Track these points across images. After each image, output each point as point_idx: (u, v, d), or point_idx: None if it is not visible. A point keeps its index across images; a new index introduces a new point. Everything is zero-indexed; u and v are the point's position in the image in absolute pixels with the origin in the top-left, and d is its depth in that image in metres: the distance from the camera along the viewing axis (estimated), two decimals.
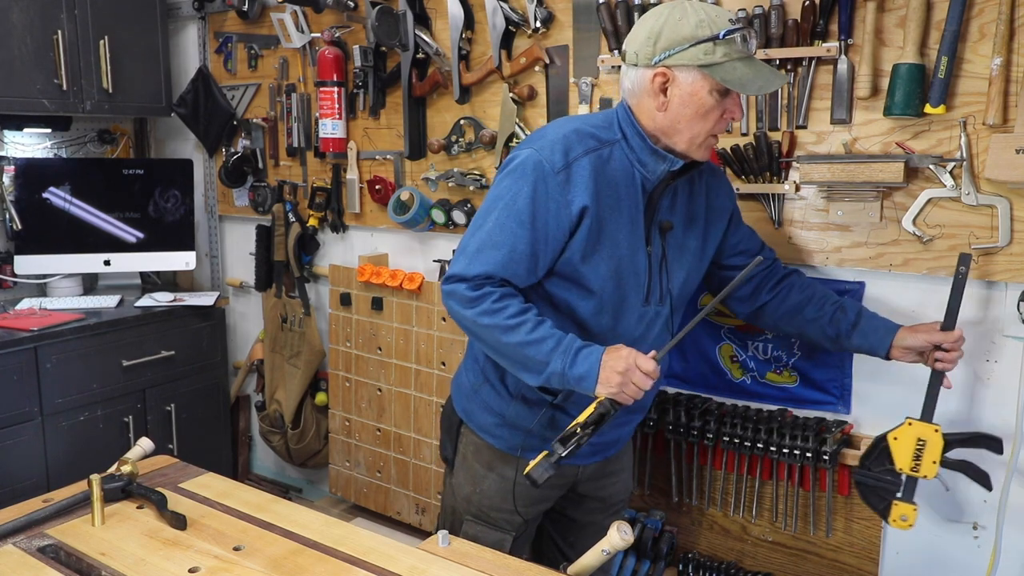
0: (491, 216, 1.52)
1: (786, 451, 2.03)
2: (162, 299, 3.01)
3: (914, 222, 1.89)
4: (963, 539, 1.97)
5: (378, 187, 2.74)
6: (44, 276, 3.05)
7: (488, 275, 1.50)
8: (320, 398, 3.08)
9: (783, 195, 2.05)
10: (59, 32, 2.75)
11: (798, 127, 2.02)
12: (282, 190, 3.06)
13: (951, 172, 1.83)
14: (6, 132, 3.02)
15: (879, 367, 2.03)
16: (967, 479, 1.94)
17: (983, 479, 1.68)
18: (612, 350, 1.45)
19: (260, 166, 3.10)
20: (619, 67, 2.20)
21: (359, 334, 2.84)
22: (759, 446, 2.07)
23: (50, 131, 3.13)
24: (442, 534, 1.38)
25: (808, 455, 2.00)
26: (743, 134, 2.08)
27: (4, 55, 2.64)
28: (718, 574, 2.21)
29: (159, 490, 1.51)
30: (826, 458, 1.98)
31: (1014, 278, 1.81)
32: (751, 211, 2.10)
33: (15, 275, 2.97)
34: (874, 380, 2.04)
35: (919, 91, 1.80)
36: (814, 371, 2.09)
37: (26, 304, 2.87)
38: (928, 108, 1.80)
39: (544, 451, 1.46)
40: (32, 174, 2.98)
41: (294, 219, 3.00)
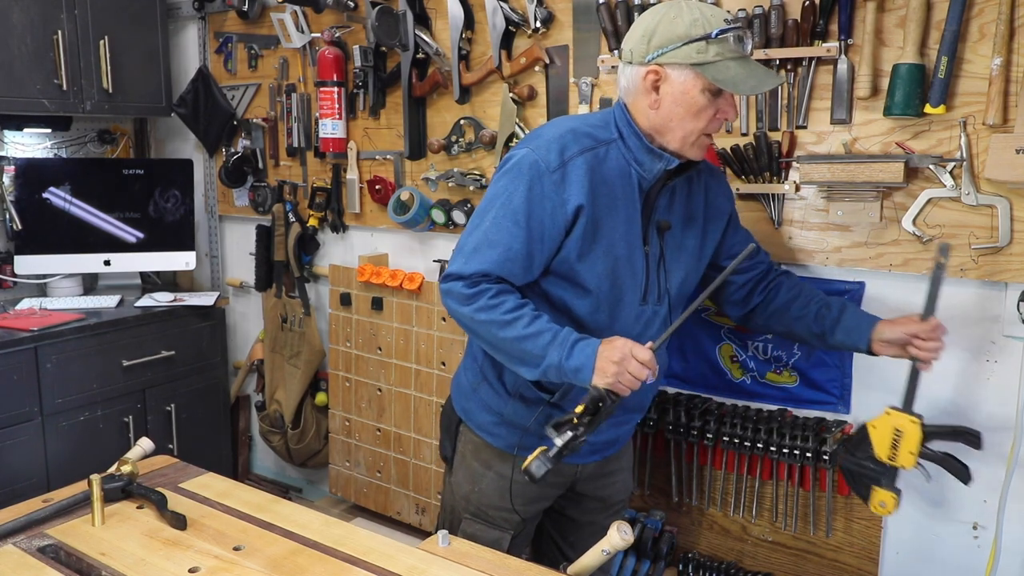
0: (488, 216, 1.53)
1: (786, 451, 2.03)
2: (162, 299, 3.01)
3: (914, 222, 1.89)
4: (963, 539, 1.97)
5: (378, 187, 2.74)
6: (44, 276, 3.05)
7: (484, 273, 1.51)
8: (320, 398, 3.08)
9: (783, 195, 2.05)
10: (59, 32, 2.75)
11: (798, 127, 2.02)
12: (282, 190, 3.06)
13: (951, 172, 1.83)
14: (6, 132, 3.02)
15: (879, 367, 2.03)
16: (966, 488, 1.95)
17: (962, 473, 1.65)
18: (608, 341, 1.46)
19: (260, 166, 3.10)
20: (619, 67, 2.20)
21: (359, 334, 2.84)
22: (759, 446, 2.07)
23: (50, 131, 3.13)
24: (442, 534, 1.38)
25: (808, 455, 2.00)
26: (743, 134, 2.08)
27: (4, 55, 2.64)
28: (718, 574, 2.21)
29: (159, 490, 1.51)
30: (826, 458, 1.98)
31: (1014, 278, 1.81)
32: (751, 211, 2.11)
33: (15, 275, 2.97)
34: (874, 380, 2.04)
35: (919, 91, 1.80)
36: (814, 371, 2.09)
37: (26, 304, 2.87)
38: (928, 108, 1.80)
39: (542, 446, 1.45)
40: (32, 174, 2.98)
41: (294, 219, 3.00)
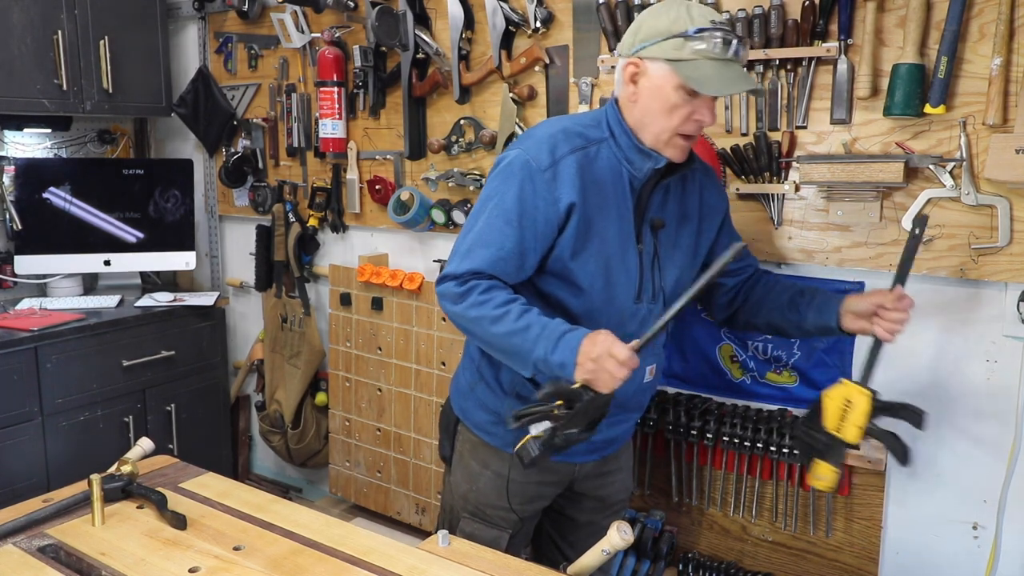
0: (481, 217, 1.55)
1: (786, 451, 2.03)
2: (162, 299, 3.01)
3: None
4: (963, 539, 1.96)
5: (378, 187, 2.74)
6: (44, 276, 3.05)
7: (476, 271, 1.52)
8: (320, 398, 3.08)
9: (783, 195, 2.05)
10: (59, 32, 2.75)
11: (798, 127, 2.02)
12: (282, 190, 3.06)
13: (951, 172, 1.83)
14: (6, 132, 3.02)
15: (879, 367, 2.02)
16: (973, 477, 1.95)
17: (901, 452, 1.57)
18: (591, 336, 1.43)
19: (260, 166, 3.10)
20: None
21: (359, 334, 2.84)
22: (759, 446, 2.07)
23: (50, 131, 3.13)
24: (442, 534, 1.38)
25: None
26: (743, 134, 2.08)
27: (4, 55, 2.64)
28: (718, 574, 2.21)
29: (159, 490, 1.51)
30: None
31: (1014, 278, 1.81)
32: (751, 211, 2.11)
33: (15, 275, 2.97)
34: (874, 380, 2.04)
35: (919, 91, 1.80)
36: (814, 371, 2.09)
37: (26, 304, 2.87)
38: (928, 108, 1.80)
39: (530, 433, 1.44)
40: (32, 174, 2.98)
41: (294, 219, 3.00)
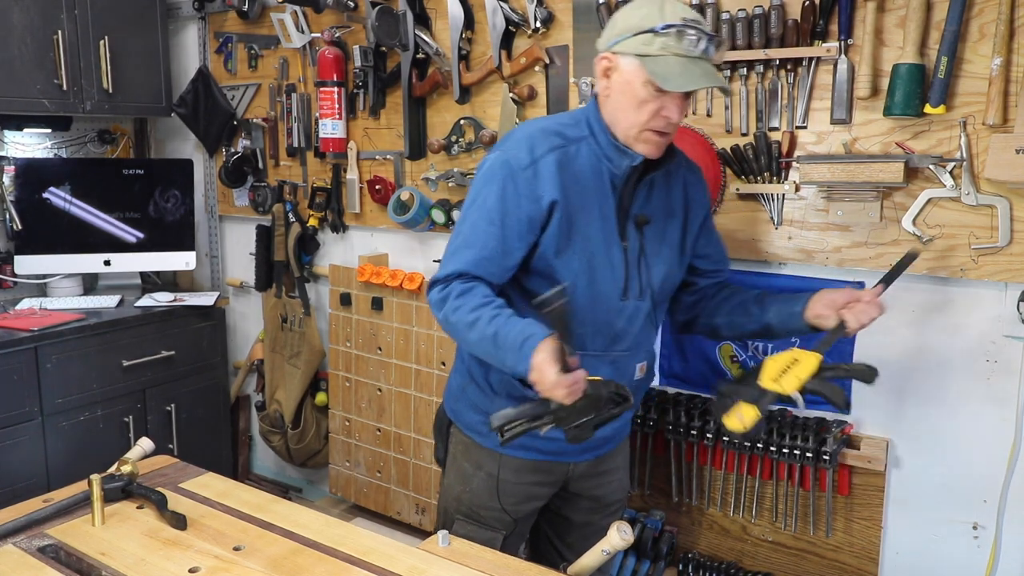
0: (466, 222, 1.56)
1: (786, 451, 2.03)
2: (162, 299, 3.01)
3: (914, 222, 1.89)
4: (963, 539, 1.97)
5: (378, 187, 2.74)
6: (44, 276, 3.05)
7: (459, 273, 1.52)
8: (320, 398, 3.08)
9: (783, 195, 2.05)
10: (59, 32, 2.75)
11: (798, 127, 2.02)
12: (282, 190, 3.06)
13: (951, 172, 1.83)
14: (6, 132, 3.02)
15: (879, 367, 2.02)
16: (973, 477, 1.95)
17: (838, 396, 1.51)
18: (537, 351, 1.38)
19: (260, 166, 3.10)
20: None
21: (359, 334, 2.84)
22: (759, 446, 2.07)
23: (50, 131, 3.13)
24: (442, 534, 1.38)
25: (808, 455, 2.00)
26: (743, 134, 2.08)
27: (4, 55, 2.64)
28: (718, 574, 2.21)
29: (159, 490, 1.51)
30: (826, 458, 1.98)
31: (1014, 278, 1.81)
32: (751, 211, 2.11)
33: (15, 275, 2.97)
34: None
35: (919, 91, 1.80)
36: None
37: (26, 304, 2.87)
38: (928, 108, 1.80)
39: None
40: (32, 174, 2.98)
41: (294, 219, 3.00)
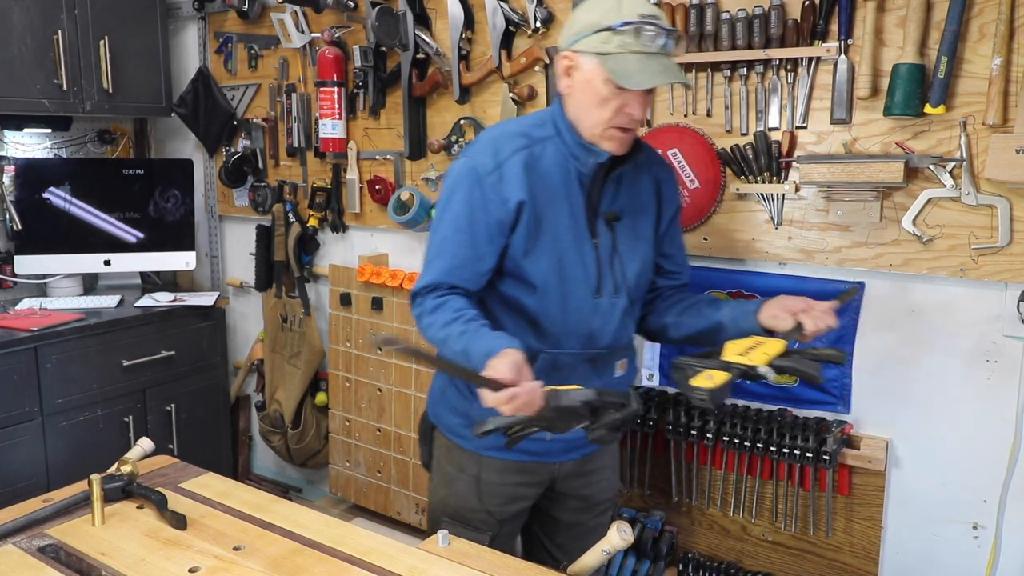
0: (436, 232, 1.56)
1: (786, 451, 2.03)
2: (162, 299, 3.01)
3: (914, 222, 1.89)
4: (963, 539, 1.97)
5: (378, 187, 2.74)
6: (44, 276, 3.05)
7: (433, 285, 1.53)
8: (320, 398, 3.08)
9: (783, 195, 2.05)
10: (59, 32, 2.75)
11: (798, 127, 2.02)
12: (282, 190, 3.06)
13: (951, 172, 1.83)
14: (6, 132, 3.02)
15: (879, 367, 2.03)
16: (973, 477, 1.95)
17: (814, 370, 1.46)
18: (487, 369, 1.36)
19: (260, 166, 3.10)
20: None
21: (359, 334, 2.84)
22: (759, 446, 2.07)
23: (50, 131, 3.13)
24: (442, 534, 1.38)
25: (808, 455, 2.00)
26: (743, 134, 2.08)
27: (4, 55, 2.64)
28: (718, 574, 2.21)
29: (159, 490, 1.51)
30: (826, 458, 1.98)
31: (1014, 278, 1.81)
32: (751, 211, 2.11)
33: (15, 275, 2.97)
34: (874, 380, 2.04)
35: (919, 91, 1.80)
36: None
37: (26, 304, 2.87)
38: (928, 108, 1.80)
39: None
40: (32, 174, 2.98)
41: (294, 219, 3.00)
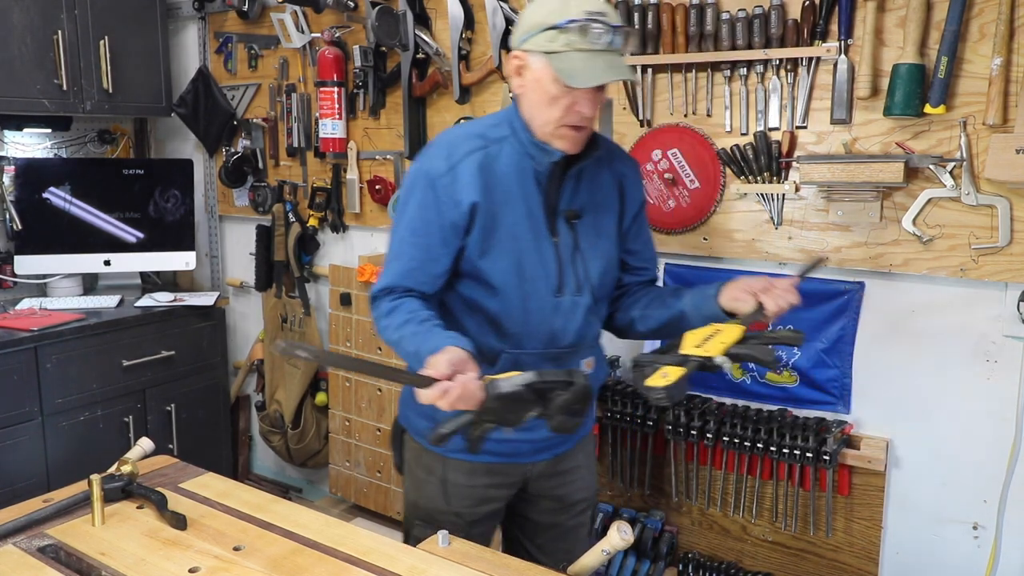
0: (393, 236, 1.58)
1: (786, 451, 2.03)
2: (162, 299, 3.01)
3: (914, 222, 1.89)
4: (963, 539, 1.97)
5: (378, 187, 2.74)
6: (44, 276, 3.05)
7: (389, 288, 1.54)
8: (320, 398, 3.08)
9: (783, 195, 2.05)
10: (59, 32, 2.75)
11: (798, 127, 2.02)
12: (282, 190, 3.06)
13: (951, 172, 1.83)
14: (6, 132, 3.02)
15: (879, 367, 2.03)
16: (973, 477, 1.95)
17: (768, 355, 1.42)
18: (425, 368, 1.36)
19: (260, 166, 3.10)
20: None
21: (359, 334, 2.83)
22: (759, 446, 2.07)
23: (50, 131, 3.13)
24: (442, 534, 1.38)
25: (808, 455, 2.00)
26: (743, 134, 2.08)
27: (4, 55, 2.64)
28: (718, 574, 2.21)
29: (159, 490, 1.50)
30: (826, 458, 1.98)
31: (1014, 278, 1.81)
32: (751, 211, 2.11)
33: (15, 275, 2.97)
34: (874, 380, 2.04)
35: (919, 91, 1.80)
36: (814, 371, 2.09)
37: (26, 304, 2.87)
38: (928, 108, 1.80)
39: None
40: (32, 174, 2.98)
41: (294, 219, 3.00)
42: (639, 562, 2.28)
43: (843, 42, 1.90)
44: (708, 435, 2.14)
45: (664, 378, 1.33)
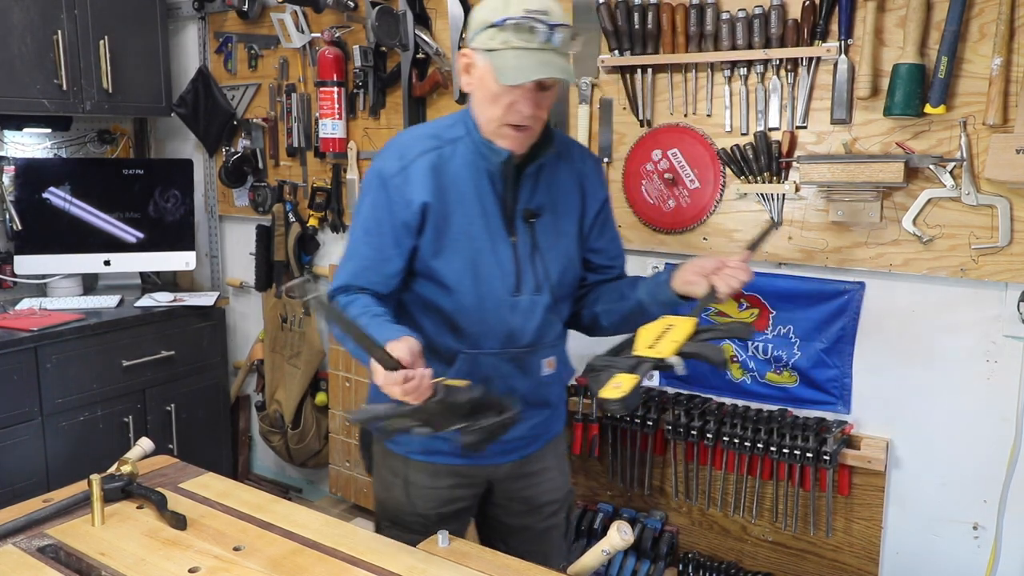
0: (350, 236, 1.59)
1: (786, 451, 2.03)
2: (162, 299, 3.01)
3: (914, 222, 1.89)
4: (963, 539, 1.97)
5: None
6: (44, 276, 3.05)
7: (343, 287, 1.55)
8: (320, 398, 3.08)
9: (783, 195, 2.05)
10: (59, 32, 2.75)
11: (798, 127, 2.02)
12: (282, 190, 3.06)
13: (951, 172, 1.83)
14: (6, 132, 3.02)
15: (879, 367, 2.03)
16: (973, 477, 1.95)
17: (717, 355, 1.42)
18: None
19: (260, 166, 3.10)
20: (619, 67, 2.21)
21: None
22: (759, 446, 2.07)
23: (50, 131, 3.13)
24: (442, 534, 1.38)
25: (808, 455, 2.00)
26: (743, 134, 2.08)
27: (4, 55, 2.64)
28: (718, 574, 2.21)
29: (159, 490, 1.51)
30: (826, 458, 1.98)
31: (1014, 278, 1.81)
32: (751, 211, 2.11)
33: (15, 275, 2.97)
34: (874, 380, 2.04)
35: (919, 91, 1.80)
36: (814, 371, 2.09)
37: (26, 304, 2.86)
38: (928, 108, 1.80)
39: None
40: (32, 174, 2.98)
41: (294, 219, 3.00)
42: (639, 562, 2.28)
43: (843, 42, 1.90)
44: (708, 435, 2.14)
45: (618, 389, 1.34)
